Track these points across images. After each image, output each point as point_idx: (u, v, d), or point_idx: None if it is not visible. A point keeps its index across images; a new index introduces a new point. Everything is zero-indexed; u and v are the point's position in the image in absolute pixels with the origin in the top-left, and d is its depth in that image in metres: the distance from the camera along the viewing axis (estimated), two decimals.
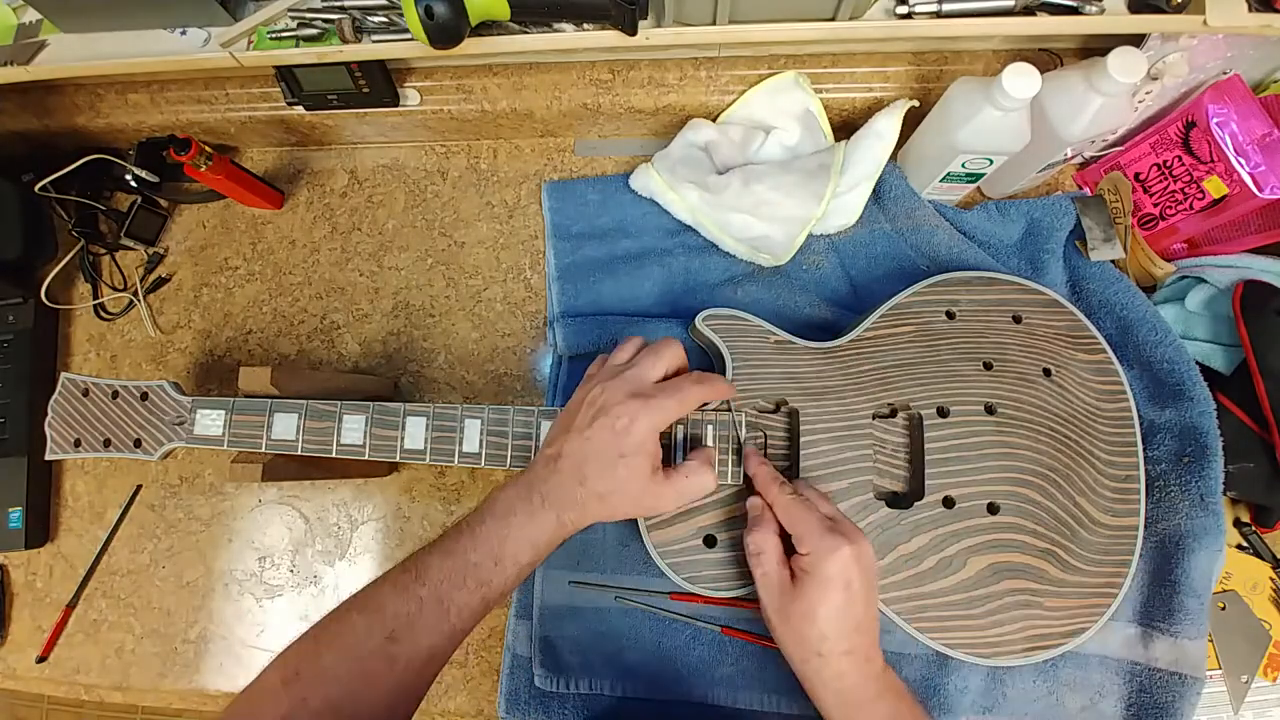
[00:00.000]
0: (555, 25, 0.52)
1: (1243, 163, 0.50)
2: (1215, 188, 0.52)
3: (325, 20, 0.53)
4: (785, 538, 0.43)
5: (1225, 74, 0.53)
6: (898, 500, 0.50)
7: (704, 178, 0.61)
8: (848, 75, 0.61)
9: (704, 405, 0.48)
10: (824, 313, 0.59)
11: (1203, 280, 0.56)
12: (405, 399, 0.63)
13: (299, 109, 0.64)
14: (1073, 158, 0.59)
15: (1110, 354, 0.54)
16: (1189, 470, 0.52)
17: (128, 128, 0.67)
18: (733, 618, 0.55)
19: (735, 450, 0.49)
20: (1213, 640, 0.53)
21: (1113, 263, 0.58)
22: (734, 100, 0.62)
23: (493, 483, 0.61)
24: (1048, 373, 0.52)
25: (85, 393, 0.50)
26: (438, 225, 0.68)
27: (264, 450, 0.48)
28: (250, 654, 0.60)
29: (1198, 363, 0.55)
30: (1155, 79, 0.53)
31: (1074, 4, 0.49)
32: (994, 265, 0.59)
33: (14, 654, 0.62)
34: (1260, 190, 0.50)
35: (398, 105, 0.63)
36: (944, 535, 0.48)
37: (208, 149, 0.61)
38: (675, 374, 0.46)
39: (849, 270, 0.62)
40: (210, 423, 0.49)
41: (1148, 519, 0.52)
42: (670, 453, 0.48)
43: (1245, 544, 0.56)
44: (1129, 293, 0.57)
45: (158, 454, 0.49)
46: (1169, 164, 0.55)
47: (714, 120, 0.64)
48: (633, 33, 0.50)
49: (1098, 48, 0.55)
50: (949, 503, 0.49)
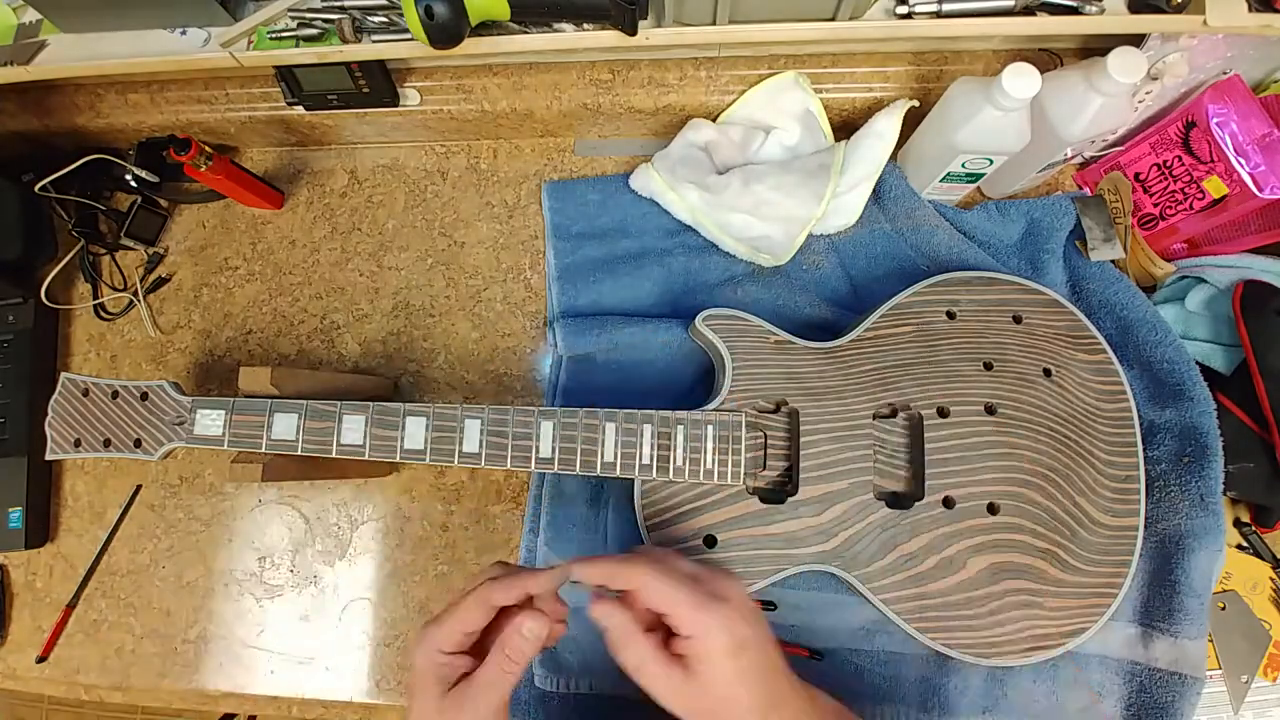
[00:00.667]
0: (555, 25, 0.52)
1: (1243, 163, 0.50)
2: (1215, 188, 0.52)
3: (325, 20, 0.53)
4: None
5: (1225, 74, 0.53)
6: (898, 500, 0.50)
7: (704, 178, 0.61)
8: (848, 75, 0.61)
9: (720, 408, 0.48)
10: (824, 313, 0.59)
11: (1203, 280, 0.56)
12: (405, 399, 0.63)
13: (299, 109, 0.64)
14: (1073, 158, 0.59)
15: (1110, 354, 0.54)
16: (1189, 470, 0.52)
17: (128, 128, 0.67)
18: None
19: (737, 450, 0.49)
20: (1213, 640, 0.53)
21: (1113, 263, 0.58)
22: (734, 100, 0.62)
23: (493, 483, 0.61)
24: (1048, 373, 0.52)
25: (85, 393, 0.50)
26: (438, 225, 0.68)
27: (264, 450, 0.48)
28: (250, 654, 0.60)
29: (1198, 363, 0.55)
30: (1155, 79, 0.53)
31: (1074, 4, 0.49)
32: (994, 265, 0.59)
33: (14, 654, 0.62)
34: (1260, 190, 0.50)
35: (398, 105, 0.63)
36: (944, 535, 0.48)
37: (208, 149, 0.61)
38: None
39: (849, 270, 0.62)
40: (210, 423, 0.49)
41: (1148, 519, 0.52)
42: (671, 453, 0.48)
43: (1245, 544, 0.56)
44: (1129, 293, 0.57)
45: (158, 454, 0.49)
46: (1169, 164, 0.55)
47: (714, 120, 0.64)
48: (633, 33, 0.50)
49: (1098, 48, 0.55)
50: (949, 503, 0.49)
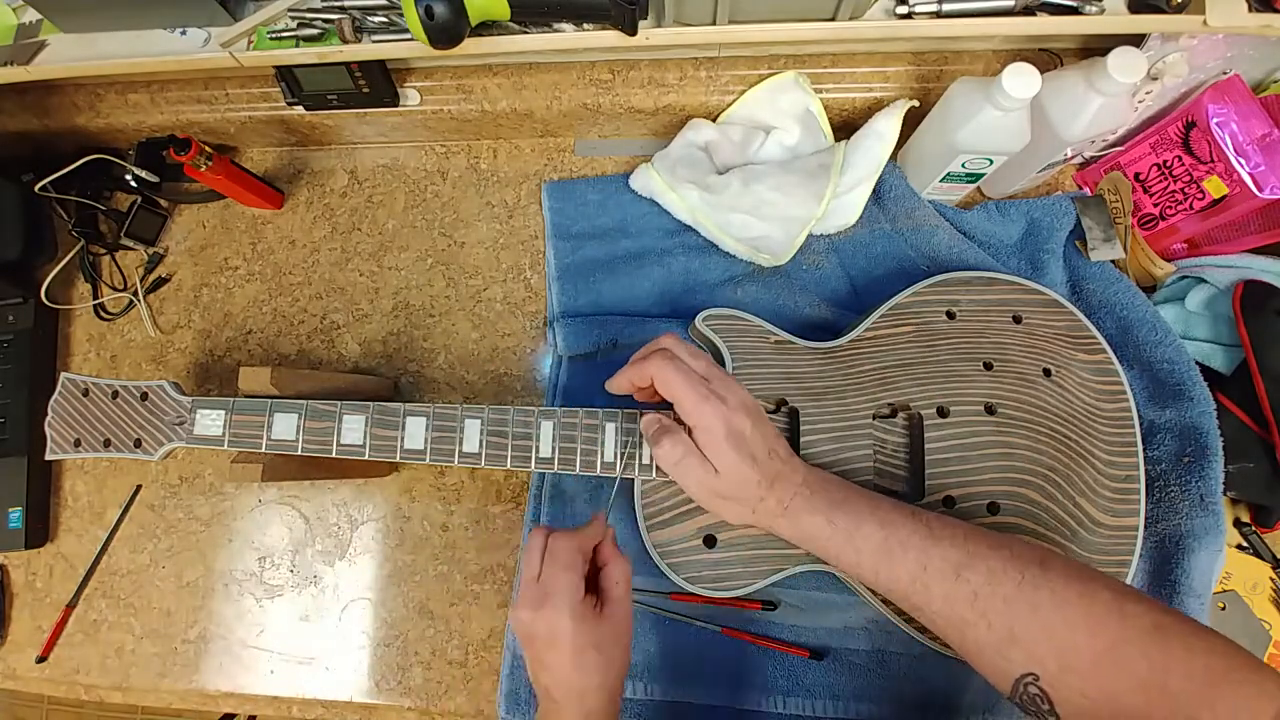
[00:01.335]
0: (555, 25, 0.52)
1: (1243, 163, 0.50)
2: (1215, 188, 0.52)
3: (325, 20, 0.53)
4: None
5: (1225, 74, 0.53)
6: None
7: (704, 178, 0.61)
8: (848, 75, 0.61)
9: None
10: (824, 313, 0.59)
11: (1203, 280, 0.56)
12: (405, 399, 0.63)
13: (299, 109, 0.64)
14: (1073, 158, 0.59)
15: (1110, 354, 0.54)
16: (1189, 470, 0.52)
17: (128, 128, 0.67)
18: (732, 618, 0.55)
19: None
20: None
21: (1113, 263, 0.58)
22: (734, 100, 0.62)
23: (493, 483, 0.61)
24: (1048, 373, 0.52)
25: (85, 393, 0.50)
26: (438, 225, 0.68)
27: (264, 450, 0.48)
28: (250, 654, 0.60)
29: (1198, 363, 0.55)
30: (1155, 79, 0.53)
31: (1074, 4, 0.49)
32: (994, 265, 0.59)
33: (14, 654, 0.62)
34: (1260, 190, 0.50)
35: (398, 105, 0.63)
36: None
37: (208, 149, 0.61)
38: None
39: (849, 270, 0.62)
40: (210, 423, 0.49)
41: (1148, 519, 0.52)
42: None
43: (1245, 544, 0.56)
44: (1129, 293, 0.57)
45: (158, 454, 0.49)
46: (1169, 164, 0.55)
47: (714, 120, 0.64)
48: (633, 33, 0.50)
49: (1098, 48, 0.56)
50: (949, 503, 0.49)
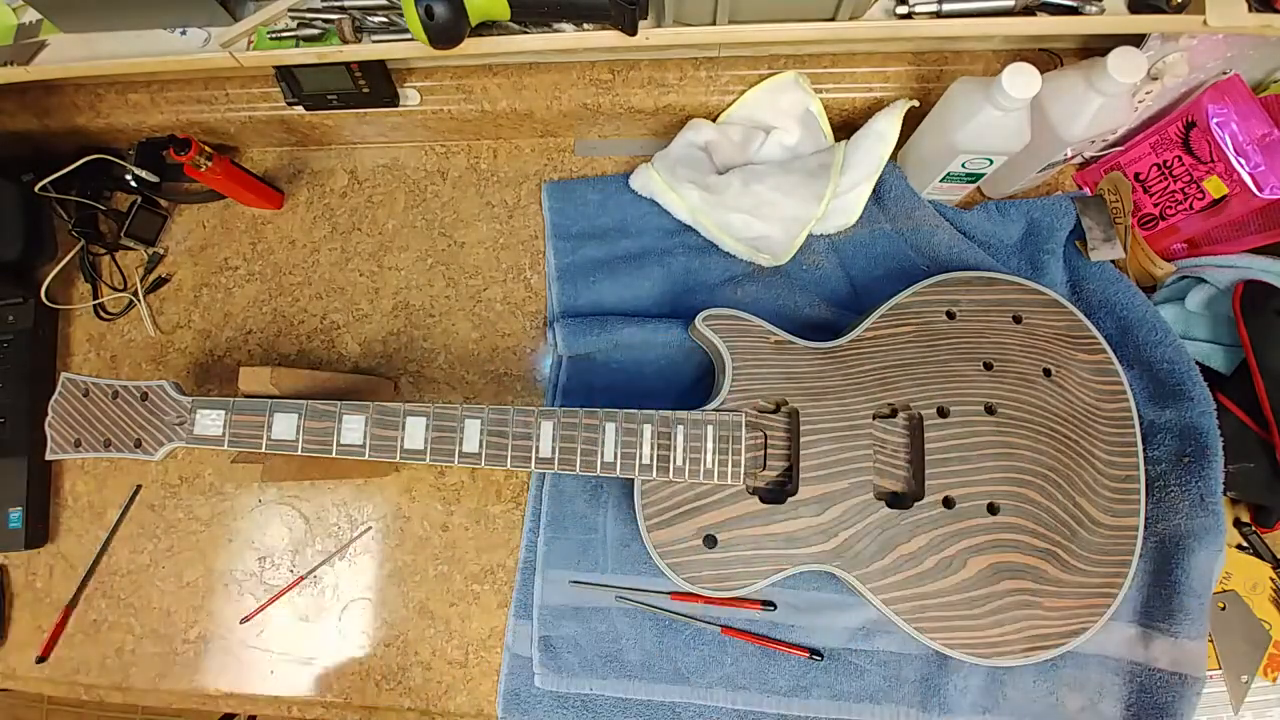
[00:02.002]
0: (555, 25, 0.52)
1: (1243, 163, 0.50)
2: (1215, 188, 0.52)
3: (325, 20, 0.53)
4: None
5: (1225, 74, 0.53)
6: (898, 500, 0.50)
7: (704, 178, 0.61)
8: (848, 75, 0.61)
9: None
10: (824, 313, 0.60)
11: (1203, 280, 0.56)
12: (405, 399, 0.63)
13: (299, 109, 0.64)
14: (1073, 158, 0.59)
15: (1110, 354, 0.54)
16: (1189, 470, 0.52)
17: (128, 128, 0.67)
18: (733, 618, 0.55)
19: (737, 450, 0.49)
20: (1213, 640, 0.53)
21: (1113, 263, 0.58)
22: (734, 100, 0.62)
23: (493, 483, 0.61)
24: (1048, 373, 0.52)
25: (85, 393, 0.50)
26: (438, 225, 0.68)
27: (264, 450, 0.48)
28: (250, 654, 0.60)
29: (1198, 363, 0.55)
30: (1155, 79, 0.53)
31: (1074, 4, 0.49)
32: (994, 265, 0.59)
33: (14, 654, 0.62)
34: (1260, 190, 0.50)
35: (398, 105, 0.63)
36: (944, 535, 0.48)
37: (208, 149, 0.61)
38: None
39: (849, 270, 0.62)
40: (210, 423, 0.49)
41: (1147, 519, 0.52)
42: (671, 453, 0.48)
43: (1245, 544, 0.56)
44: (1129, 293, 0.57)
45: (158, 454, 0.49)
46: (1169, 164, 0.55)
47: (714, 120, 0.64)
48: (633, 33, 0.50)
49: (1098, 48, 0.56)
50: (949, 503, 0.49)
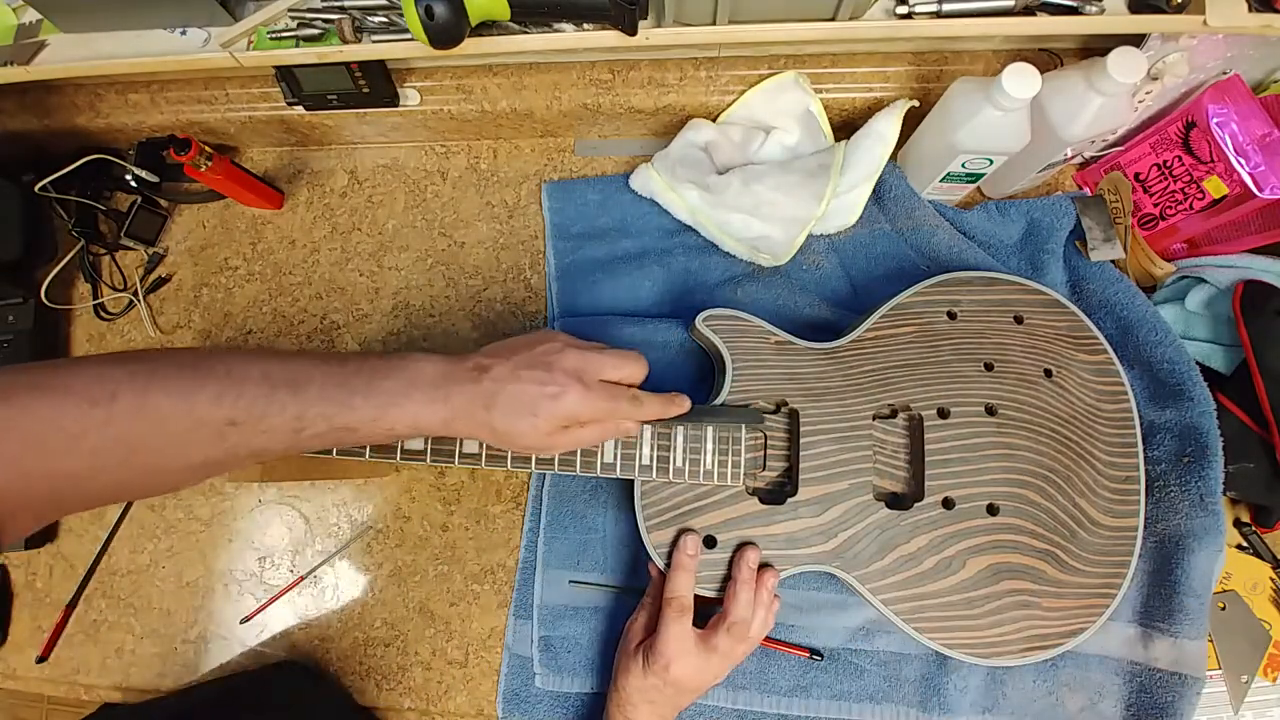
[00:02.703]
0: (555, 25, 0.52)
1: (1243, 163, 0.50)
2: (1215, 188, 0.52)
3: (325, 20, 0.53)
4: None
5: (1225, 74, 0.53)
6: (898, 501, 0.50)
7: (704, 178, 0.61)
8: (848, 75, 0.61)
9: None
10: (824, 313, 0.59)
11: (1203, 280, 0.56)
12: None
13: (299, 109, 0.64)
14: (1073, 158, 0.59)
15: (1111, 354, 0.54)
16: (1189, 470, 0.52)
17: (128, 128, 0.67)
18: None
19: (737, 451, 0.49)
20: (1213, 640, 0.53)
21: (1113, 263, 0.58)
22: (734, 100, 0.62)
23: (493, 483, 0.61)
24: (1049, 373, 0.52)
25: None
26: (438, 225, 0.68)
27: None
28: (251, 654, 0.60)
29: (1198, 363, 0.55)
30: (1155, 79, 0.53)
31: (1074, 4, 0.49)
32: (994, 265, 0.59)
33: (14, 654, 0.62)
34: (1260, 190, 0.50)
35: (398, 105, 0.63)
36: (943, 536, 0.48)
37: (208, 149, 0.61)
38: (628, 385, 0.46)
39: (849, 270, 0.62)
40: None
41: (1147, 519, 0.52)
42: (671, 454, 0.48)
43: (1245, 544, 0.56)
44: (1129, 293, 0.57)
45: None
46: (1169, 164, 0.55)
47: (714, 120, 0.64)
48: (633, 33, 0.50)
49: (1098, 48, 0.56)
50: (949, 504, 0.49)
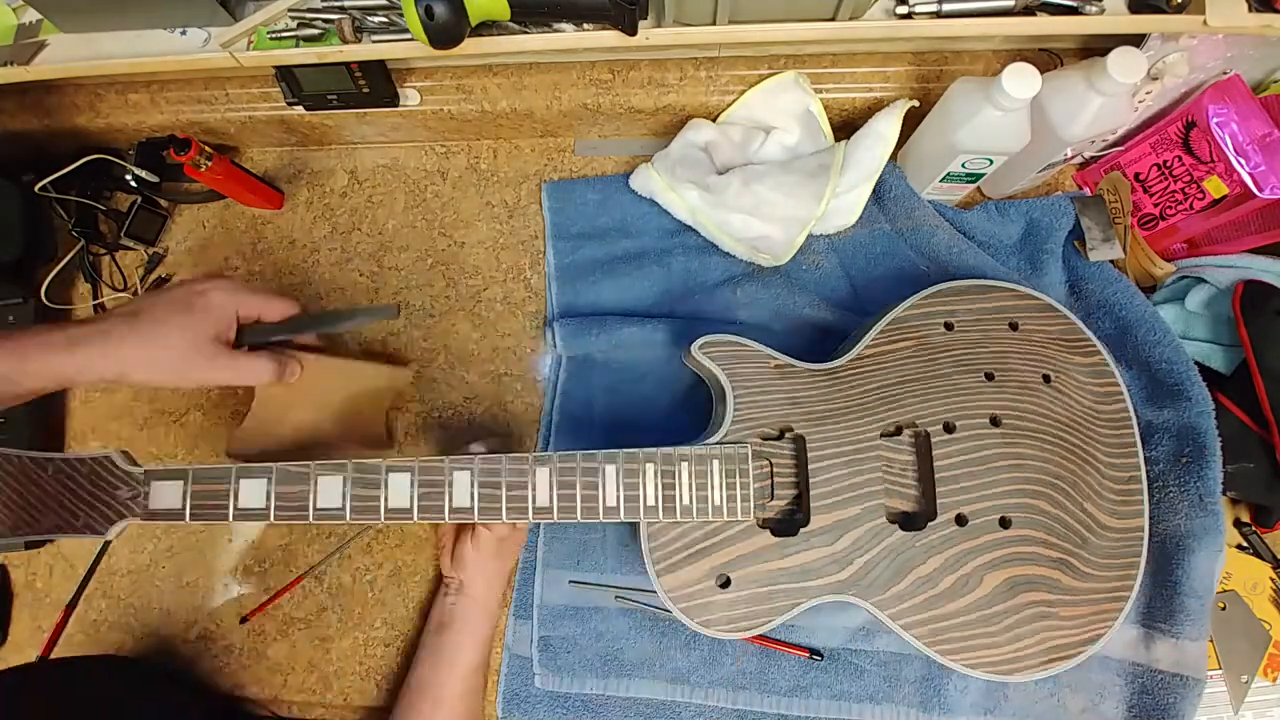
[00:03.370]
0: (555, 25, 0.52)
1: (1243, 163, 0.50)
2: (1215, 188, 0.52)
3: (325, 20, 0.53)
4: None
5: (1225, 74, 0.53)
6: (910, 521, 0.49)
7: (704, 178, 0.61)
8: (848, 75, 0.61)
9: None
10: (823, 313, 0.59)
11: (1203, 280, 0.56)
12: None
13: (299, 109, 0.64)
14: (1073, 158, 0.59)
15: (1106, 355, 0.53)
16: (1187, 471, 0.52)
17: (128, 128, 0.67)
18: None
19: (745, 482, 0.47)
20: (1213, 640, 0.53)
21: (1112, 263, 0.58)
22: (734, 100, 0.62)
23: None
24: (1047, 379, 0.52)
25: (21, 470, 0.42)
26: (438, 225, 0.68)
27: (230, 521, 0.43)
28: (250, 654, 0.60)
29: (1198, 363, 0.55)
30: (1155, 79, 0.53)
31: (1074, 4, 0.49)
32: (994, 266, 0.59)
33: (14, 654, 0.62)
34: (1260, 190, 0.50)
35: (398, 105, 0.63)
36: (959, 554, 0.48)
37: (208, 149, 0.61)
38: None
39: (849, 271, 0.62)
40: (168, 495, 0.42)
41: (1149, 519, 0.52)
42: (676, 491, 0.46)
43: (1245, 544, 0.56)
44: (1128, 293, 0.57)
45: (110, 533, 0.42)
46: (1169, 164, 0.55)
47: (714, 120, 0.64)
48: (633, 33, 0.50)
49: (1098, 48, 0.56)
50: (962, 520, 0.48)
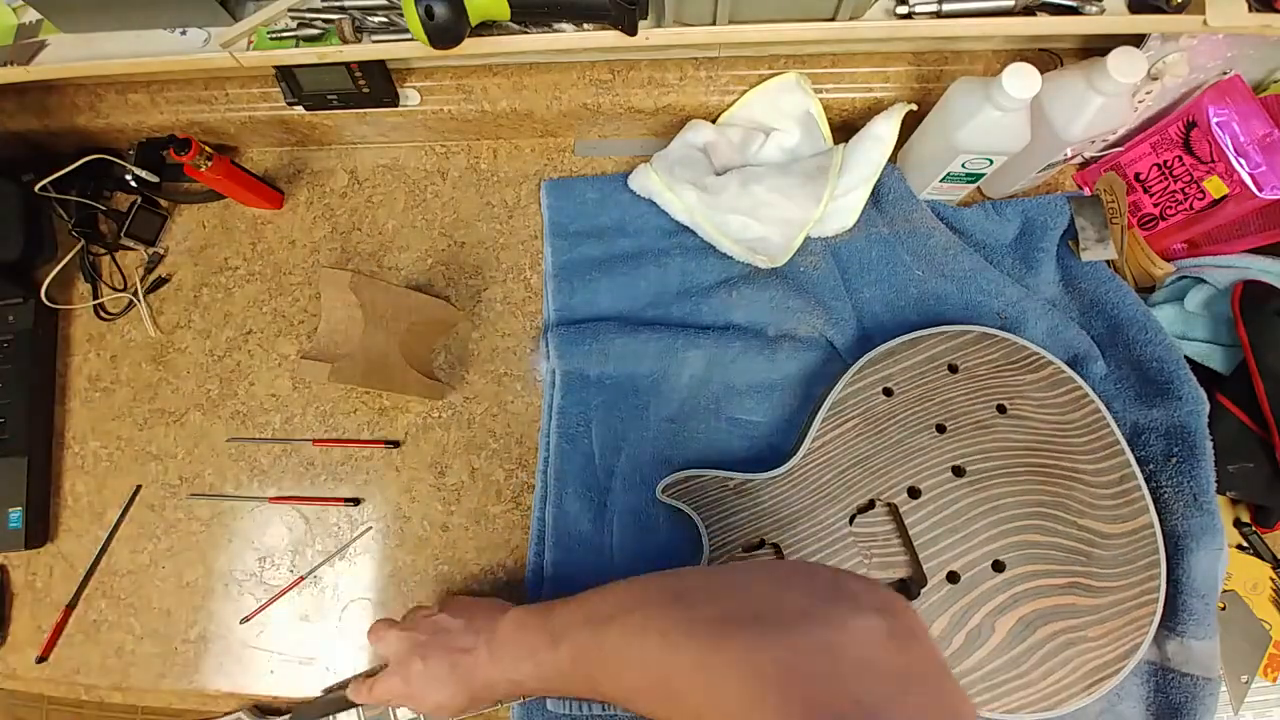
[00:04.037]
0: (555, 25, 0.52)
1: (1243, 163, 0.50)
2: (1215, 188, 0.52)
3: (325, 20, 0.53)
4: None
5: (1226, 74, 0.53)
6: (905, 590, 0.49)
7: (702, 178, 0.61)
8: (848, 76, 0.61)
9: None
10: (820, 316, 0.59)
11: (1202, 280, 0.56)
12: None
13: (299, 109, 0.64)
14: (1073, 158, 0.59)
15: (1058, 364, 0.53)
16: (1179, 471, 0.52)
17: (128, 128, 0.67)
18: None
19: None
20: None
21: (1108, 263, 0.58)
22: (734, 100, 0.62)
23: (493, 483, 0.61)
24: (1002, 409, 0.52)
25: None
26: (438, 225, 0.68)
27: None
28: (250, 654, 0.60)
29: (1198, 363, 0.55)
30: (1155, 79, 0.53)
31: (1074, 4, 0.49)
32: (989, 269, 0.59)
33: (14, 654, 0.62)
34: (1260, 190, 0.50)
35: (398, 105, 0.63)
36: (962, 609, 0.48)
37: (208, 149, 0.61)
38: None
39: (846, 273, 0.62)
40: None
41: None
42: None
43: (1245, 544, 0.56)
44: (1120, 292, 0.57)
45: None
46: (1169, 164, 0.55)
47: (714, 121, 0.64)
48: (633, 33, 0.50)
49: (1098, 48, 0.55)
50: (954, 578, 0.48)
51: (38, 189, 0.64)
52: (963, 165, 0.54)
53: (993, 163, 0.54)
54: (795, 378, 0.59)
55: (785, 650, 0.30)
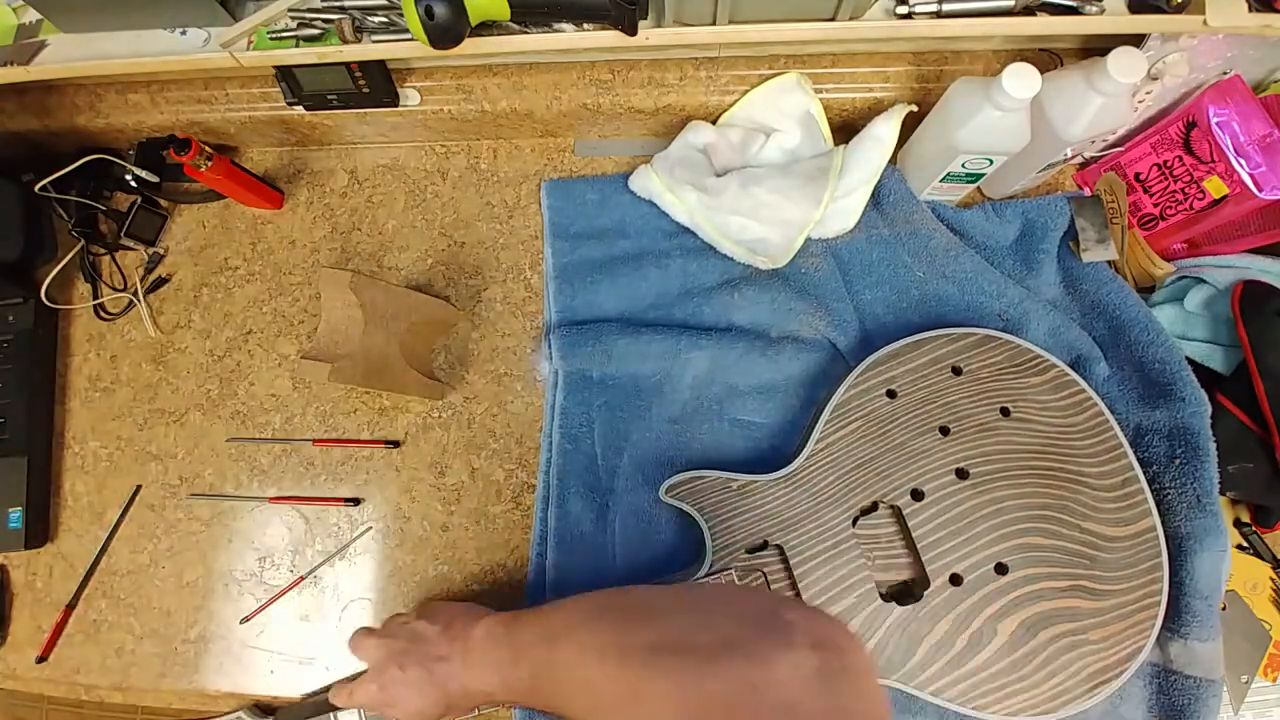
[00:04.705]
0: (555, 25, 0.52)
1: (1243, 163, 0.50)
2: (1215, 188, 0.52)
3: (325, 20, 0.53)
4: None
5: (1226, 74, 0.53)
6: (909, 592, 0.49)
7: (703, 179, 0.61)
8: (848, 76, 0.61)
9: None
10: (821, 318, 0.59)
11: (1202, 280, 0.56)
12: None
13: (299, 109, 0.64)
14: (1073, 158, 0.59)
15: (1062, 367, 0.53)
16: (1182, 472, 0.52)
17: (128, 128, 0.67)
18: None
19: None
20: None
21: (1109, 263, 0.58)
22: (734, 101, 0.62)
23: (493, 483, 0.61)
24: (1005, 412, 0.51)
25: None
26: (438, 225, 0.68)
27: None
28: (250, 654, 0.60)
29: (1198, 363, 0.55)
30: (1155, 79, 0.53)
31: (1074, 4, 0.49)
32: (990, 270, 0.59)
33: (14, 654, 0.62)
34: (1260, 190, 0.50)
35: (398, 105, 0.63)
36: (964, 612, 0.48)
37: (208, 149, 0.61)
38: None
39: (847, 275, 0.62)
40: None
41: None
42: None
43: (1245, 544, 0.56)
44: (1121, 293, 0.57)
45: None
46: (1169, 164, 0.55)
47: (714, 121, 0.64)
48: (633, 33, 0.50)
49: (1098, 48, 0.55)
50: (956, 580, 0.48)
51: (38, 189, 0.64)
52: (963, 165, 0.54)
53: (993, 163, 0.54)
54: (798, 379, 0.59)
55: (712, 683, 0.30)
